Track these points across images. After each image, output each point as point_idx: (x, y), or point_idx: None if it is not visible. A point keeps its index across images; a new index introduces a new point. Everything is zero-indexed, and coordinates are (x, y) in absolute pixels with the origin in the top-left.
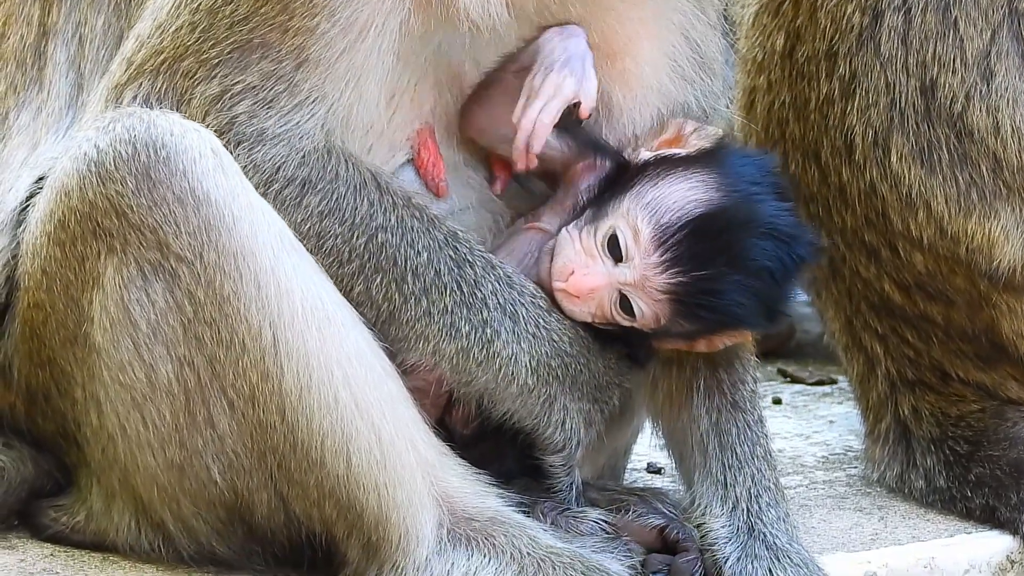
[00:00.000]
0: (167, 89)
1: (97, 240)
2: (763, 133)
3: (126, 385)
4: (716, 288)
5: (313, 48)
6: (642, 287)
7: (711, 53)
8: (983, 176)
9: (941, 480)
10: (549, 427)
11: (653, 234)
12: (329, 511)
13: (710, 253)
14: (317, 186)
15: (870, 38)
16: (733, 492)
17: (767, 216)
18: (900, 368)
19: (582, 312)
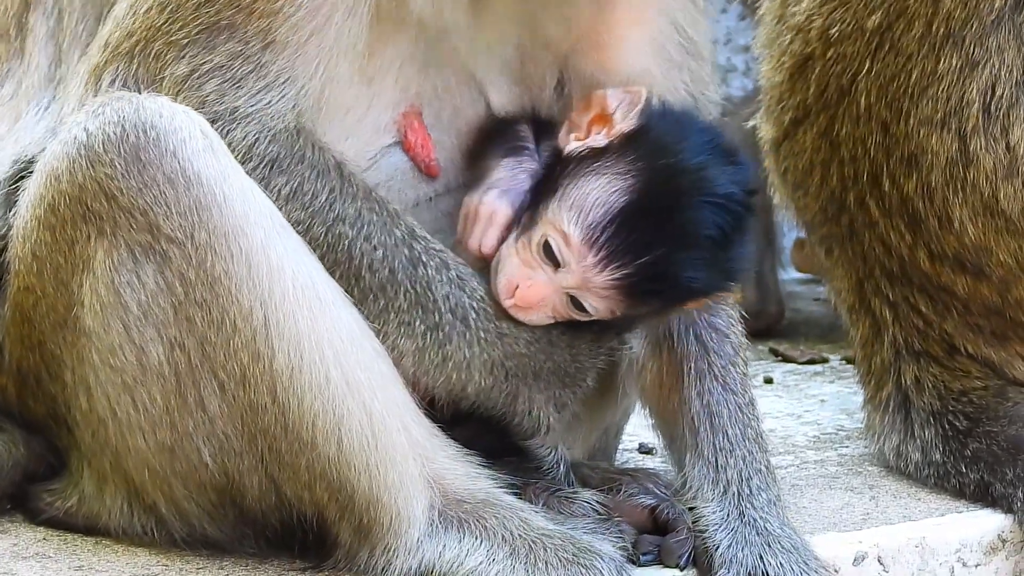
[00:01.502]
0: (142, 71)
1: (87, 223)
2: (815, 98)
3: (116, 368)
4: (662, 271)
5: (279, 30)
6: (586, 288)
7: (699, 38)
8: None
9: (937, 454)
10: (516, 415)
11: (582, 236)
12: (320, 493)
13: (645, 239)
14: (283, 165)
15: (1009, 20)
16: (724, 475)
17: (694, 185)
18: (907, 336)
19: (540, 319)
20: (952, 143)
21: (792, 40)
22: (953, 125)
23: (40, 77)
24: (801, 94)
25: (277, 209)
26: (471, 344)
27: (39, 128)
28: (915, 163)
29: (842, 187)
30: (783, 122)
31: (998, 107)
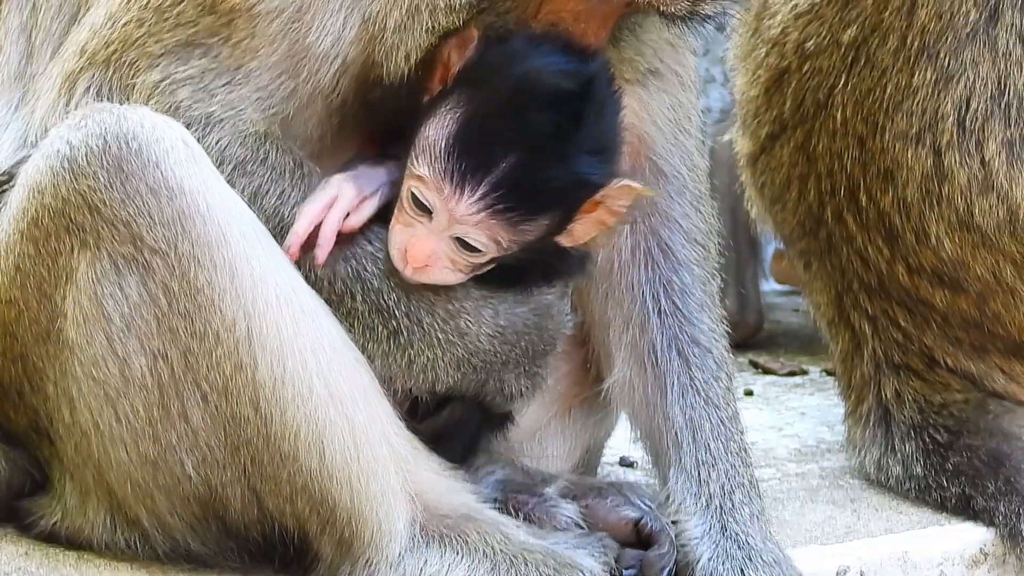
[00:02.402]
0: (116, 78)
1: (70, 236)
2: (790, 113)
3: (99, 380)
4: (514, 181)
5: (252, 63)
6: (460, 221)
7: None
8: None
9: (918, 467)
10: (488, 395)
11: (432, 172)
12: (302, 506)
13: (487, 155)
14: (247, 167)
15: (984, 34)
16: (706, 489)
17: (519, 91)
18: (887, 350)
19: (444, 276)
20: (927, 158)
21: (768, 53)
22: (928, 140)
23: (11, 72)
24: (777, 108)
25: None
26: (431, 346)
27: (10, 134)
28: (891, 178)
29: (819, 201)
30: (759, 136)
31: (973, 121)
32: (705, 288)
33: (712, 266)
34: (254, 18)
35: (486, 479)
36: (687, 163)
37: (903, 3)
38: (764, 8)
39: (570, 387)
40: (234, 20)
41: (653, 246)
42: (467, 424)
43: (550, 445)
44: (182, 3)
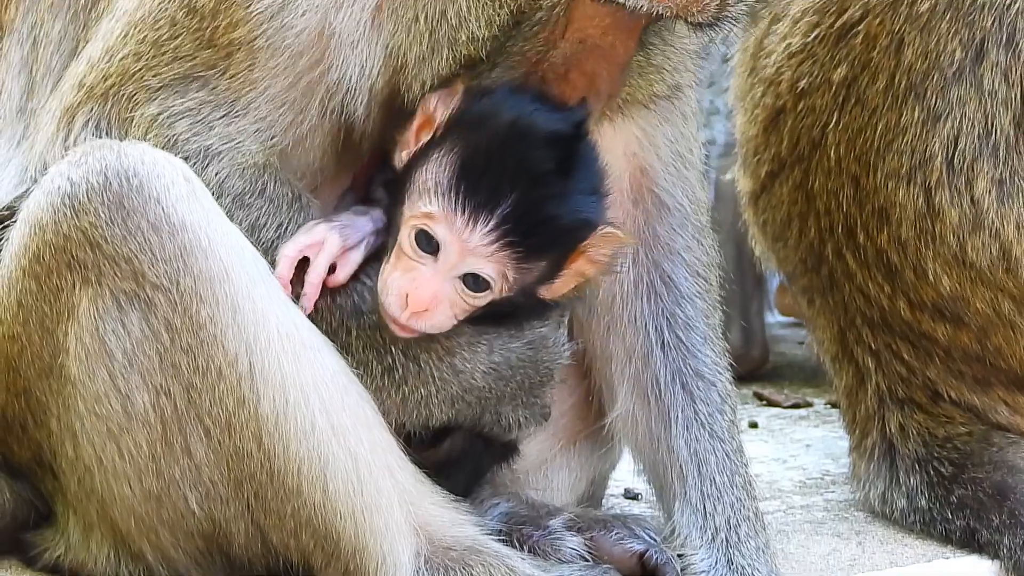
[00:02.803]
0: (114, 112)
1: (72, 272)
2: (788, 151)
3: (102, 416)
4: (524, 213)
5: (250, 94)
6: (473, 253)
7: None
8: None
9: (923, 500)
10: (486, 427)
11: (442, 205)
12: (306, 540)
13: (496, 188)
14: (245, 199)
15: (970, 73)
16: (712, 522)
17: (518, 132)
18: (891, 384)
19: (442, 323)
20: (919, 197)
21: (764, 93)
22: (919, 179)
23: (12, 108)
24: (775, 147)
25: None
26: (426, 383)
27: (12, 168)
28: (886, 216)
29: (820, 239)
30: (759, 175)
31: (961, 160)
32: (708, 321)
33: (714, 299)
34: (255, 51)
35: (491, 511)
36: (689, 195)
37: (890, 42)
38: (760, 48)
39: (574, 420)
40: (233, 53)
41: (656, 279)
42: (470, 455)
43: (555, 478)
44: (179, 37)
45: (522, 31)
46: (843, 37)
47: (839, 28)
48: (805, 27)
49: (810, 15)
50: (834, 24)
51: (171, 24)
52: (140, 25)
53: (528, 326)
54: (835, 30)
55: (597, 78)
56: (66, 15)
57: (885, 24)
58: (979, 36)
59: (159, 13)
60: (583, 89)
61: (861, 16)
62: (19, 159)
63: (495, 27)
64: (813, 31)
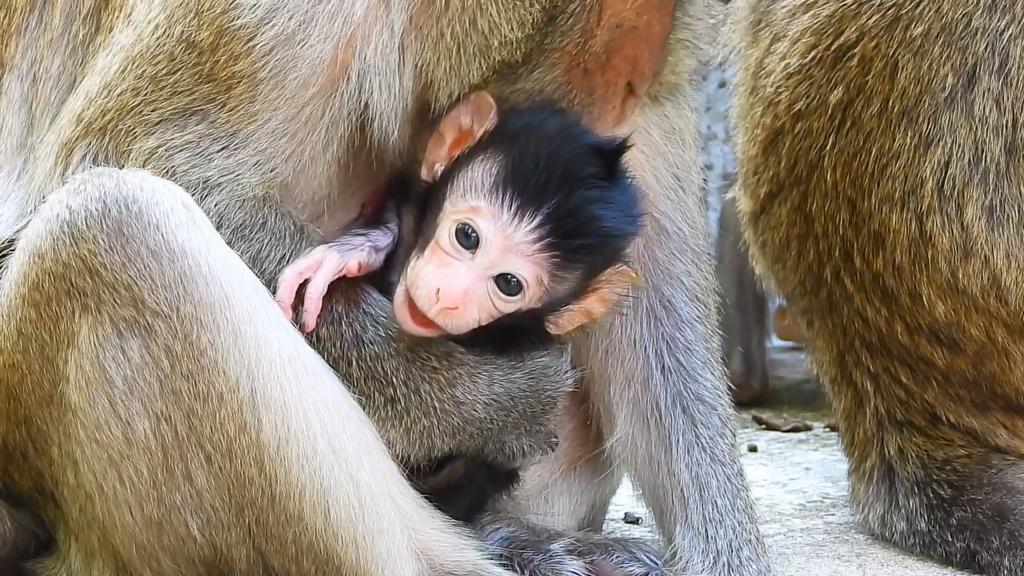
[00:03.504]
0: (111, 146)
1: (71, 300)
2: (786, 173)
3: (103, 443)
4: (571, 212)
5: (251, 127)
6: (514, 251)
7: (683, 124)
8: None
9: (923, 523)
10: (489, 456)
11: (490, 199)
12: (308, 566)
13: (543, 188)
14: (245, 232)
15: (962, 99)
16: (714, 545)
17: (563, 141)
18: (889, 407)
19: (466, 323)
20: (911, 222)
21: (763, 113)
22: (911, 204)
23: (13, 144)
24: (774, 168)
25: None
26: (428, 414)
27: (12, 203)
28: (881, 241)
29: (818, 261)
30: (759, 195)
31: (951, 186)
32: (708, 345)
33: (713, 323)
34: (256, 84)
35: (492, 536)
36: (688, 220)
37: (885, 65)
38: (760, 67)
39: (574, 445)
40: (233, 87)
41: (656, 303)
42: (472, 482)
43: (556, 502)
44: (178, 72)
45: (557, 26)
46: (839, 59)
47: (836, 50)
48: (803, 48)
49: (808, 36)
50: (831, 46)
51: (169, 59)
52: (138, 60)
53: (529, 356)
54: (832, 52)
55: (639, 60)
56: (65, 51)
57: (880, 47)
58: (971, 61)
59: (157, 48)
60: (627, 73)
61: (857, 38)
62: (18, 193)
63: (528, 27)
64: (810, 52)
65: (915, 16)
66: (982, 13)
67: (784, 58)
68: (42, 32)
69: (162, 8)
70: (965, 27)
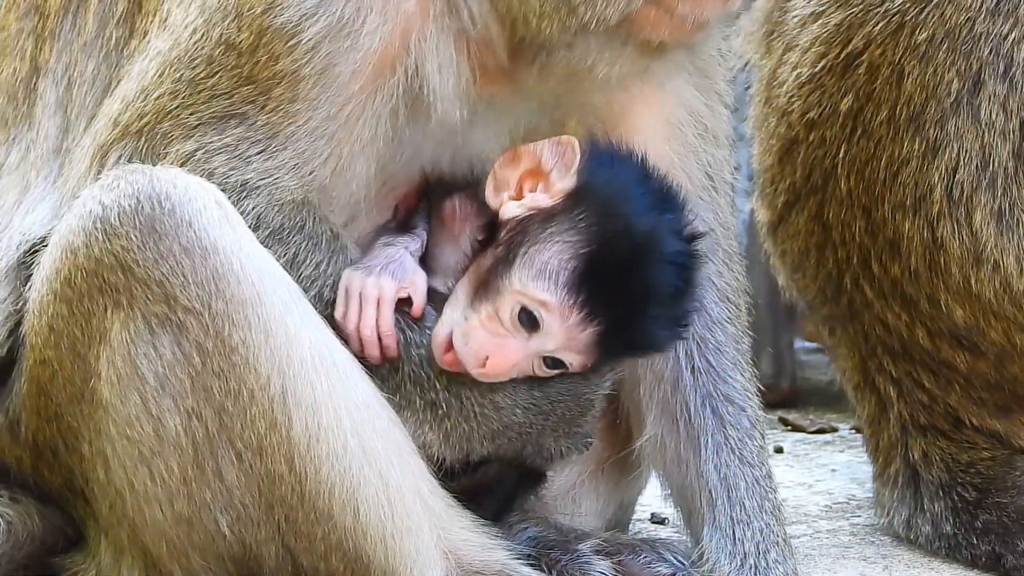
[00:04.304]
0: (147, 148)
1: (103, 296)
2: (802, 182)
3: (133, 440)
4: (630, 324)
5: (290, 127)
6: (569, 345)
7: (716, 123)
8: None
9: (948, 526)
10: (528, 459)
11: (561, 299)
12: (336, 564)
13: (615, 294)
14: (282, 235)
15: (968, 104)
16: (741, 547)
17: (647, 244)
18: (913, 412)
19: (502, 378)
20: (923, 229)
21: (777, 123)
22: (922, 210)
23: (49, 147)
24: (790, 177)
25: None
26: (468, 419)
27: (46, 206)
28: (896, 247)
29: (837, 269)
30: (776, 205)
31: (960, 192)
32: (738, 346)
33: (743, 324)
34: (298, 82)
35: (520, 536)
36: (720, 220)
37: (892, 72)
38: (773, 77)
39: (603, 445)
40: (274, 87)
41: None
42: (502, 482)
43: (583, 502)
44: (216, 75)
45: None
46: (848, 67)
47: (845, 58)
48: (813, 57)
49: (817, 45)
50: (840, 55)
51: (208, 63)
52: (176, 64)
53: None
54: (841, 60)
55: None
56: (99, 55)
57: (887, 54)
58: (976, 67)
59: (195, 52)
60: None
61: (864, 46)
62: (53, 195)
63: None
64: (820, 61)
65: (919, 22)
66: (985, 18)
67: (796, 67)
68: (76, 36)
69: (200, 12)
70: (969, 32)
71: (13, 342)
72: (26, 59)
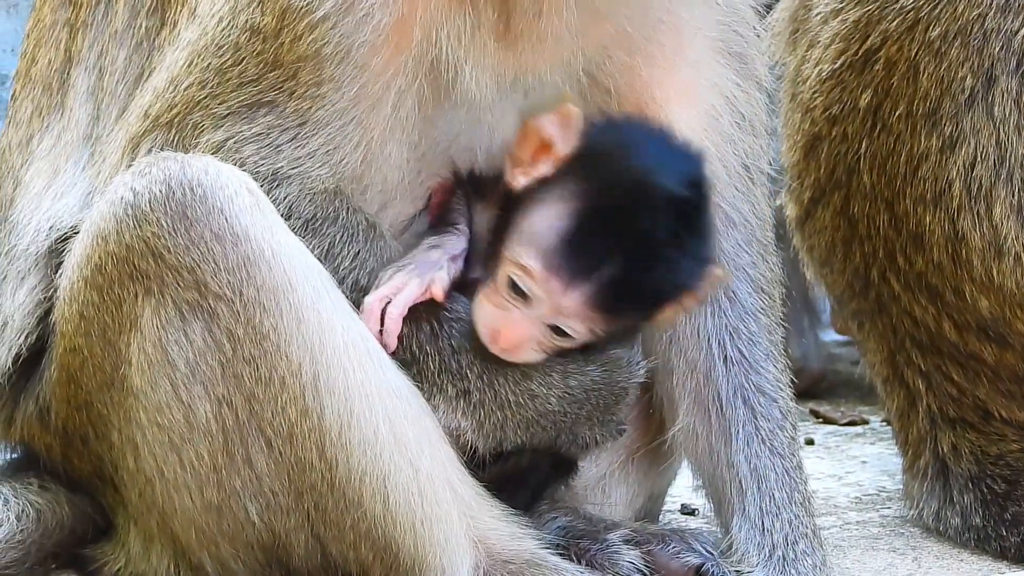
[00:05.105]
0: (178, 139)
1: (134, 283)
2: (826, 178)
3: (164, 427)
4: (624, 282)
5: (319, 112)
6: (560, 313)
7: (753, 112)
8: None
9: (977, 518)
10: (562, 447)
11: (542, 265)
12: (365, 552)
13: (602, 254)
14: (316, 225)
15: (982, 100)
16: (770, 539)
17: (640, 192)
18: (942, 405)
19: (530, 356)
20: (945, 222)
21: (802, 119)
22: (942, 205)
23: (79, 134)
24: (815, 173)
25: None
26: (502, 407)
27: (76, 193)
28: (921, 241)
29: (864, 264)
30: (803, 201)
31: (978, 186)
32: (771, 337)
33: (777, 315)
34: (321, 61)
35: (549, 525)
36: (756, 211)
37: (907, 68)
38: (798, 74)
39: (633, 435)
40: (300, 71)
41: (720, 294)
42: (533, 471)
43: (613, 492)
44: (243, 61)
45: None
46: (867, 64)
47: (864, 55)
48: (833, 53)
49: (838, 41)
50: (858, 51)
51: (235, 50)
52: (203, 53)
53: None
54: (860, 57)
55: None
56: (130, 44)
57: (903, 51)
58: (988, 63)
59: (222, 39)
60: None
61: (881, 42)
62: (84, 184)
63: None
64: (840, 57)
65: (933, 18)
66: (995, 14)
67: (818, 64)
68: (107, 25)
69: (226, 0)
70: (980, 28)
71: (43, 330)
72: (60, 49)
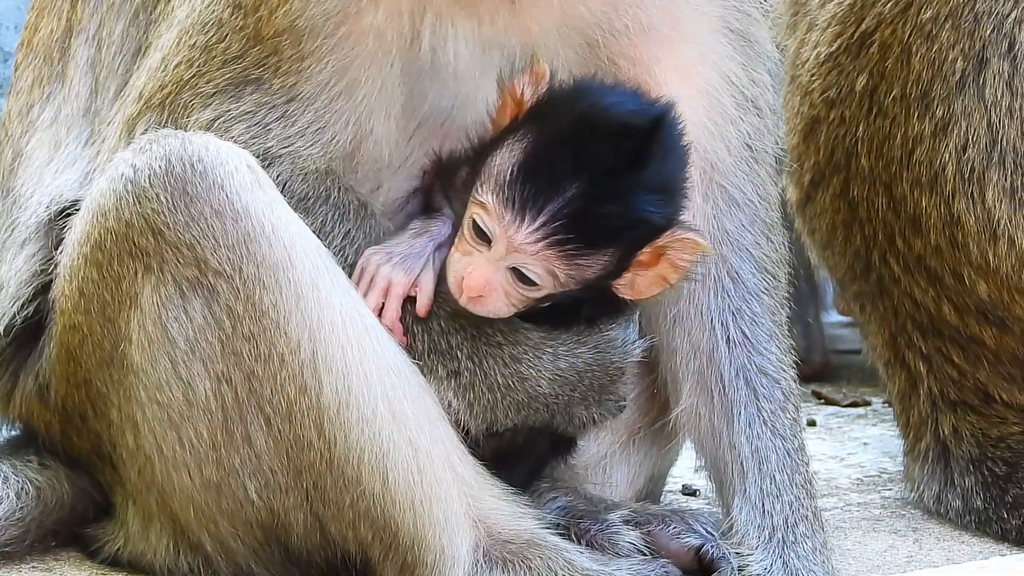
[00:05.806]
0: (171, 122)
1: (134, 260)
2: (825, 161)
3: (163, 404)
4: (576, 213)
5: (304, 87)
6: (518, 251)
7: (757, 91)
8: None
9: (978, 501)
10: (559, 428)
11: (495, 199)
12: (364, 531)
13: (551, 185)
14: (308, 204)
15: (973, 83)
16: (770, 520)
17: (587, 123)
18: (943, 388)
19: (498, 308)
20: (940, 205)
21: (800, 102)
22: (937, 188)
23: (79, 106)
24: (814, 156)
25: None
26: (492, 389)
27: (76, 168)
28: (918, 223)
29: (865, 246)
30: (803, 184)
31: (971, 169)
32: (774, 318)
33: (782, 296)
34: (299, 36)
35: (549, 505)
36: (760, 191)
37: (901, 52)
38: (797, 57)
39: (635, 415)
40: (280, 45)
41: (723, 274)
42: (531, 449)
43: (614, 473)
44: (227, 38)
45: None
46: (862, 46)
47: (859, 37)
48: (830, 36)
49: (834, 24)
50: (854, 34)
51: (218, 26)
52: (190, 31)
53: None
54: (855, 40)
55: None
56: (127, 17)
57: (896, 33)
58: (979, 45)
59: (208, 16)
60: None
61: (876, 25)
62: (83, 161)
63: None
64: (836, 40)
65: (925, 1)
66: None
67: (816, 46)
68: None
69: None
70: (971, 11)
71: (40, 303)
72: (62, 19)
